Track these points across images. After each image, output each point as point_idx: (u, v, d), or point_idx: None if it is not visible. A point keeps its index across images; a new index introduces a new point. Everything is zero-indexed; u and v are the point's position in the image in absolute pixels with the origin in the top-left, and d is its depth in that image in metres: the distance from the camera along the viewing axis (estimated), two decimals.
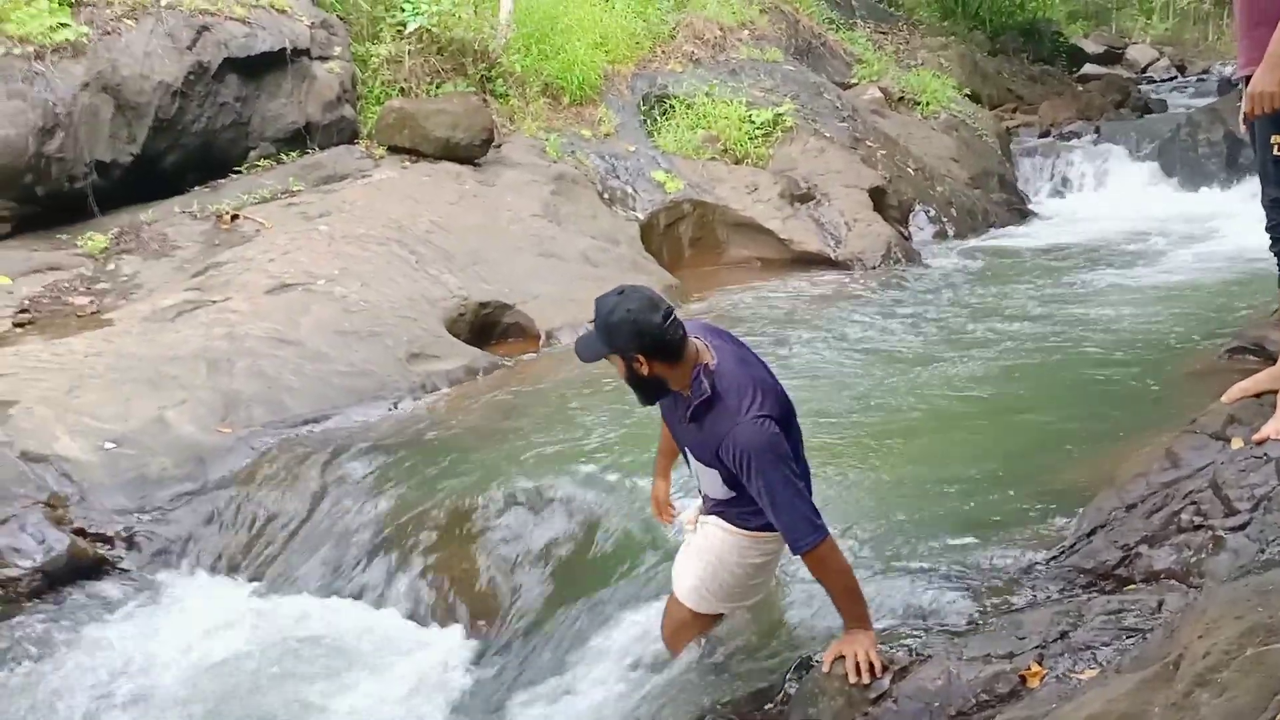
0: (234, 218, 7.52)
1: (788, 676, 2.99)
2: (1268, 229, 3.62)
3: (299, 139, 8.60)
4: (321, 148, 8.66)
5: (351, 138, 8.96)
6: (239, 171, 8.28)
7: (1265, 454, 3.32)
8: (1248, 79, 3.41)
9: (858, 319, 7.53)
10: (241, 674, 3.95)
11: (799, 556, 2.87)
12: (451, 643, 4.08)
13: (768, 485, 2.81)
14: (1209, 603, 2.35)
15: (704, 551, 3.20)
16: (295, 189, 7.99)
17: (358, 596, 4.40)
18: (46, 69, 7.30)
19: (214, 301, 6.30)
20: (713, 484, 3.06)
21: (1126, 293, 8.03)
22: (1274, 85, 3.30)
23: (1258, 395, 3.73)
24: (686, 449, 3.10)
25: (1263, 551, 2.96)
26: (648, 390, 2.98)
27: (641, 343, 2.82)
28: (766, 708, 2.97)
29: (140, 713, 3.77)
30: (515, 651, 3.96)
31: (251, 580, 4.62)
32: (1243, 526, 3.12)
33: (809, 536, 2.82)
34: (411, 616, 4.24)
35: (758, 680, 3.17)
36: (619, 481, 4.56)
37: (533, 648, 3.92)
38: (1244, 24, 3.50)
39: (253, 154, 8.41)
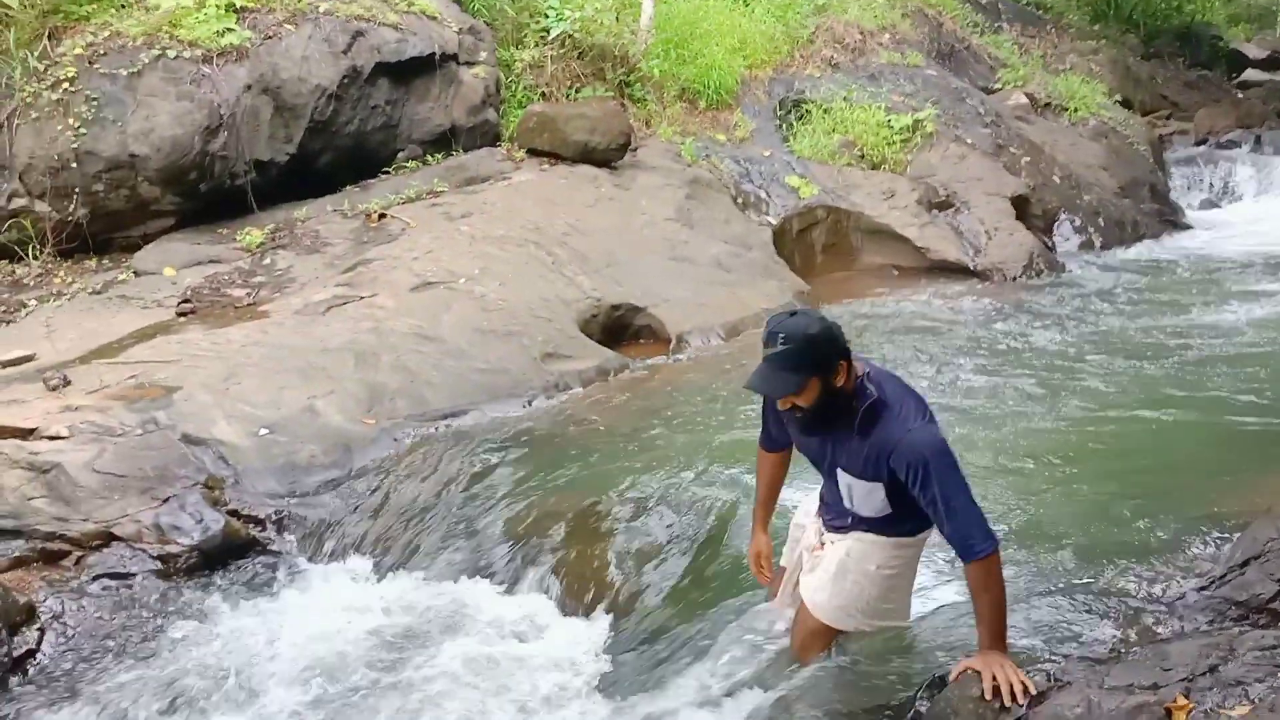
0: (381, 216, 7.80)
1: (919, 694, 2.95)
2: None
3: (444, 141, 8.86)
4: (465, 150, 8.92)
5: (494, 140, 9.19)
6: (387, 172, 8.59)
7: None
8: None
9: (996, 333, 7.36)
10: (377, 654, 4.10)
11: (967, 564, 2.81)
12: (580, 635, 4.15)
13: (943, 490, 2.77)
14: None
15: (847, 569, 3.14)
16: (439, 190, 8.25)
17: (490, 585, 4.52)
18: (213, 72, 7.70)
19: (362, 297, 6.56)
20: (868, 500, 3.01)
21: None
22: None
23: None
24: (840, 468, 3.02)
25: None
26: (835, 406, 2.88)
27: (842, 346, 2.82)
28: None
29: (281, 686, 3.94)
30: (642, 648, 4.00)
31: (391, 565, 4.79)
32: None
33: (984, 543, 2.78)
34: (543, 609, 4.33)
35: (887, 694, 3.14)
36: (748, 485, 4.57)
37: (660, 645, 3.95)
38: None
39: (400, 155, 8.72)
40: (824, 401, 2.85)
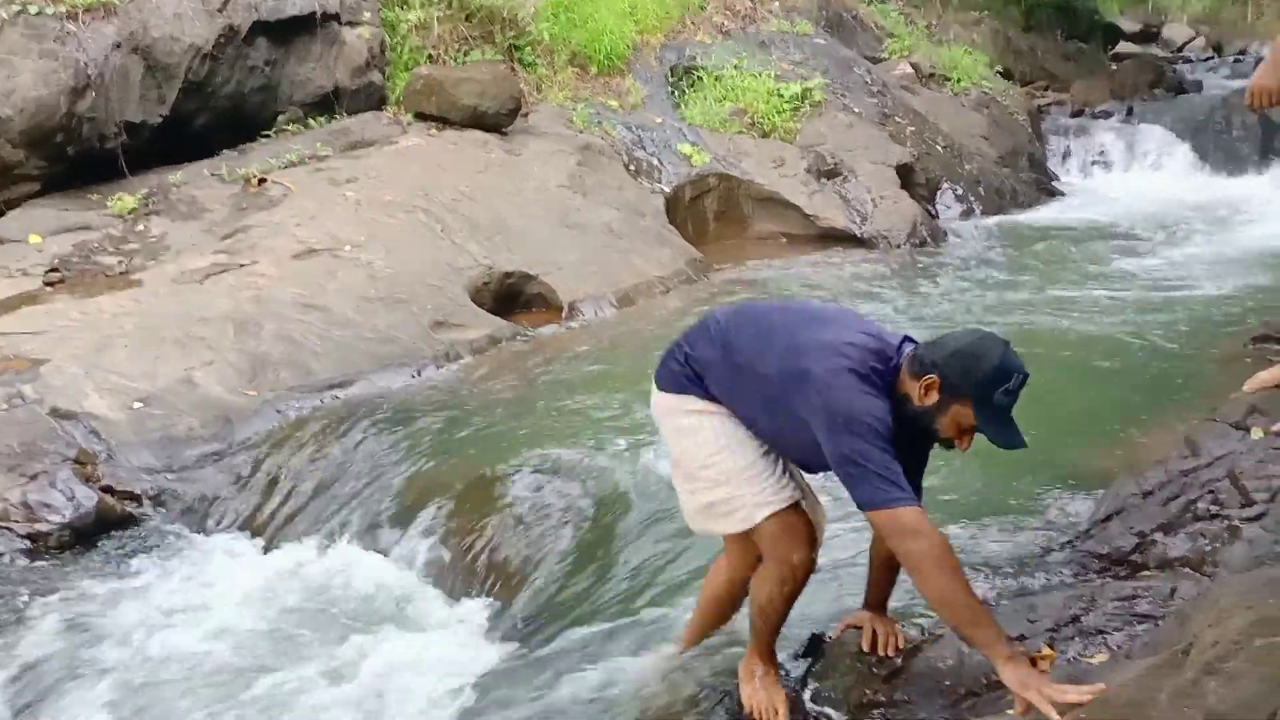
0: (261, 181, 7.56)
1: (798, 653, 3.03)
2: None
3: (327, 104, 8.62)
4: (349, 113, 8.69)
5: (379, 104, 8.98)
6: (267, 135, 8.32)
7: None
8: None
9: (879, 298, 7.52)
10: (260, 632, 4.01)
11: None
12: (472, 609, 4.13)
13: None
14: (1221, 592, 2.36)
15: None
16: (323, 154, 8.03)
17: (378, 559, 4.46)
18: (79, 29, 7.33)
19: (242, 265, 6.37)
20: None
21: (1152, 276, 7.98)
22: (1275, 83, 3.35)
23: (1278, 387, 3.73)
24: None
25: (1278, 543, 2.97)
26: None
27: None
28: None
29: (159, 667, 3.83)
30: (534, 620, 4.00)
31: (274, 540, 4.69)
32: (1259, 517, 3.12)
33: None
34: (432, 582, 4.30)
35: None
36: (640, 453, 4.60)
37: (551, 616, 3.96)
38: None
39: (281, 118, 8.44)
40: None
